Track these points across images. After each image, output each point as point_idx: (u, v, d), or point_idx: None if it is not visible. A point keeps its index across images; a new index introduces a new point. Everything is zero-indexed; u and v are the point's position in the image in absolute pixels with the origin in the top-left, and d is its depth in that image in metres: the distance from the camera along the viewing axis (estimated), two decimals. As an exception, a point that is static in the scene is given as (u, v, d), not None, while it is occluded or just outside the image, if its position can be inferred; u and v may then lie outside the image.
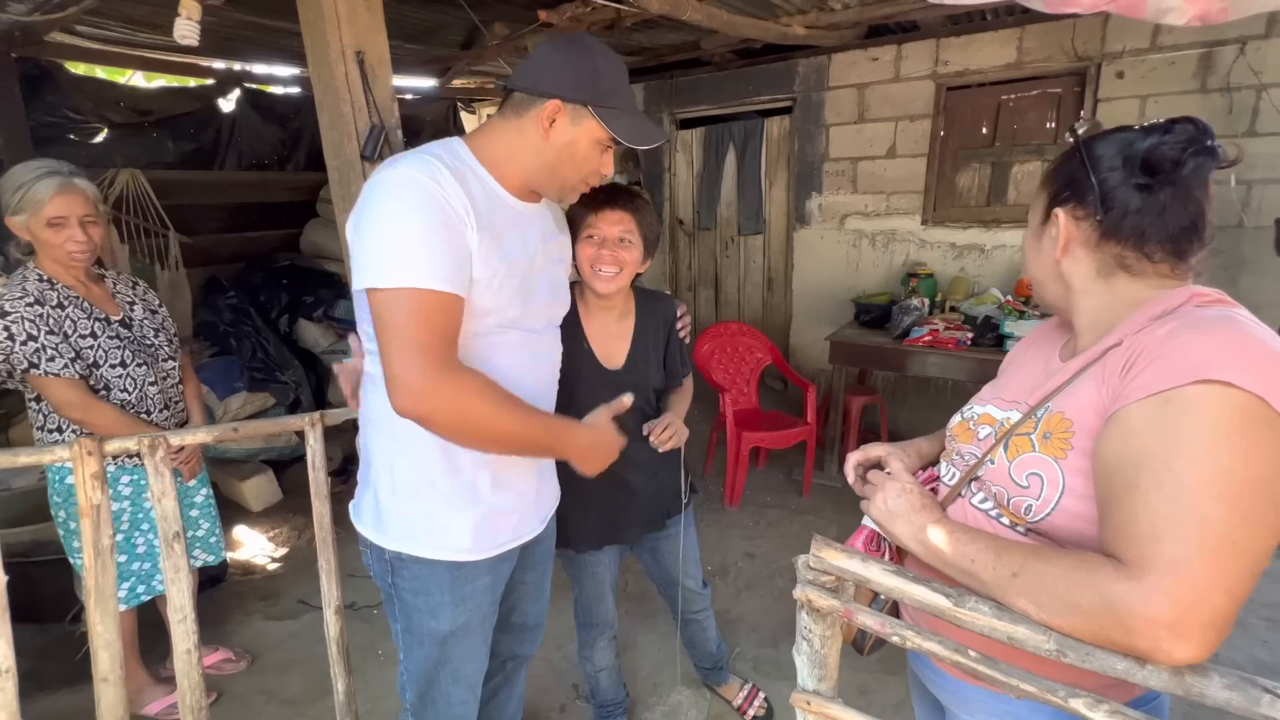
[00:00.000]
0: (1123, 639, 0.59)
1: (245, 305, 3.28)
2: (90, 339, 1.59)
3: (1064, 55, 3.27)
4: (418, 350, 0.86)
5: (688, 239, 4.93)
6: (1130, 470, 0.63)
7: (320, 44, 1.26)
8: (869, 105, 3.88)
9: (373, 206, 0.90)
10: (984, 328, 3.04)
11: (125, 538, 1.69)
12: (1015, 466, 0.76)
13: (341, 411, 1.44)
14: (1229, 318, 0.67)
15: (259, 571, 2.71)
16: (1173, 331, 0.67)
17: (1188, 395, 0.61)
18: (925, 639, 0.70)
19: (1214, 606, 0.57)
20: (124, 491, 1.67)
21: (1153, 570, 0.59)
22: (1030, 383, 0.84)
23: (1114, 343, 0.72)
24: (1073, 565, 0.64)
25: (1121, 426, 0.66)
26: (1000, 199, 3.60)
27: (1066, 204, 0.77)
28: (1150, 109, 3.14)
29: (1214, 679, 0.58)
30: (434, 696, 1.11)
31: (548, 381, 1.16)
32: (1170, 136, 0.70)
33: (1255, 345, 0.62)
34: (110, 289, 1.73)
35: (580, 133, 0.98)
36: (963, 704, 0.86)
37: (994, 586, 0.68)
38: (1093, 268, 0.77)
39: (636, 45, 3.76)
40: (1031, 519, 0.74)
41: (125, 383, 1.64)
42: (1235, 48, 2.90)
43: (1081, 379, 0.74)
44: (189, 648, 1.30)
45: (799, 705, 0.84)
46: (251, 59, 3.65)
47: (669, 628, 2.27)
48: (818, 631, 0.81)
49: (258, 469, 3.23)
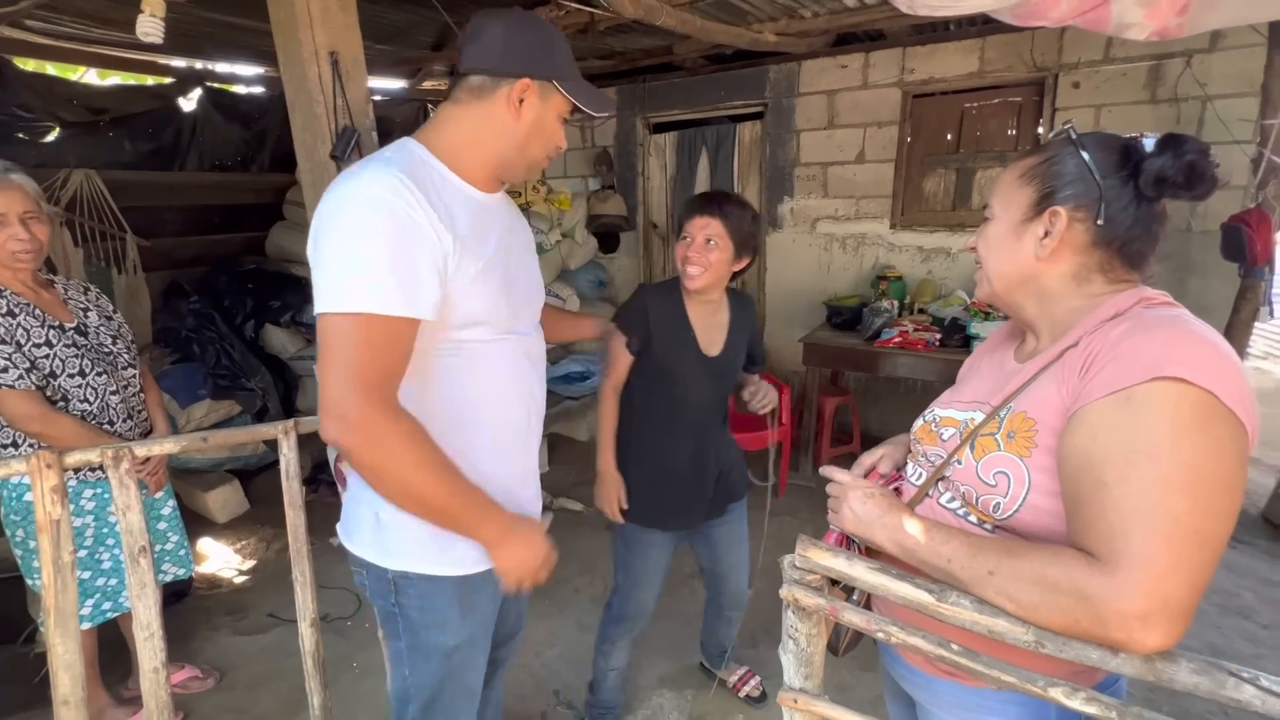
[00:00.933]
0: (1097, 630, 0.62)
1: (209, 310, 3.18)
2: (46, 348, 1.52)
3: (1023, 65, 3.39)
4: (356, 380, 0.83)
5: (662, 242, 4.95)
6: (1096, 466, 0.66)
7: (292, 44, 1.24)
8: (838, 111, 3.95)
9: (327, 227, 0.86)
10: (951, 329, 3.12)
11: (90, 554, 1.62)
12: (982, 466, 0.78)
13: (316, 419, 1.41)
14: (1178, 318, 0.70)
15: (225, 585, 2.62)
16: (1127, 332, 0.69)
17: (1146, 392, 0.64)
18: (910, 634, 0.72)
19: (1181, 596, 0.60)
20: (87, 506, 1.60)
21: (1124, 564, 0.61)
22: (989, 385, 0.86)
23: (1070, 344, 0.75)
24: (1047, 561, 0.66)
25: (1085, 424, 0.68)
26: (965, 204, 3.70)
27: (1066, 203, 0.76)
28: (1104, 118, 3.26)
29: (1182, 665, 0.61)
30: (438, 708, 1.09)
31: (540, 388, 1.14)
32: (1184, 157, 0.71)
33: (1203, 344, 0.66)
34: (61, 295, 1.65)
35: (547, 108, 0.98)
36: (934, 699, 0.88)
37: (970, 584, 0.70)
38: (1072, 271, 0.78)
39: (609, 49, 3.77)
40: (1000, 516, 0.76)
41: (85, 393, 1.57)
42: (1182, 61, 3.05)
43: (1041, 379, 0.76)
44: (156, 665, 1.25)
45: (786, 704, 0.85)
46: (214, 57, 3.55)
47: (649, 631, 2.27)
48: (804, 630, 0.83)
49: (223, 479, 3.14)
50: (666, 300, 1.56)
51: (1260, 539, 2.85)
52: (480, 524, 0.95)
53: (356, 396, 0.83)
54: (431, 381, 0.96)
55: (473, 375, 0.99)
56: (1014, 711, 0.80)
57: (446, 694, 1.08)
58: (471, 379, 0.99)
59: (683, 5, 2.58)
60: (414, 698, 1.08)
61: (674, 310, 1.52)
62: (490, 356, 1.01)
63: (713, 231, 1.45)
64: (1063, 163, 0.78)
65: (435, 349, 0.95)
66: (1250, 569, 2.62)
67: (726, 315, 1.59)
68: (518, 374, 1.05)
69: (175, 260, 3.54)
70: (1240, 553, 2.72)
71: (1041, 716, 0.78)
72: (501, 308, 1.00)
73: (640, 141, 4.76)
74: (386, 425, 0.85)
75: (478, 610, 1.07)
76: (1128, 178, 0.74)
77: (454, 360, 0.97)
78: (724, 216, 1.46)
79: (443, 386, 0.97)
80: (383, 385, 0.86)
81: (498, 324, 1.00)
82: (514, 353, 1.04)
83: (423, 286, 0.87)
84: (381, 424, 0.84)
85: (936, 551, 0.74)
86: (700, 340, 1.54)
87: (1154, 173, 0.72)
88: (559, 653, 2.18)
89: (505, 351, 1.03)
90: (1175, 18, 0.92)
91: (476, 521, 0.95)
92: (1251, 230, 2.65)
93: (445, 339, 0.95)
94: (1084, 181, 0.75)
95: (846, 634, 0.95)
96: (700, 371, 1.53)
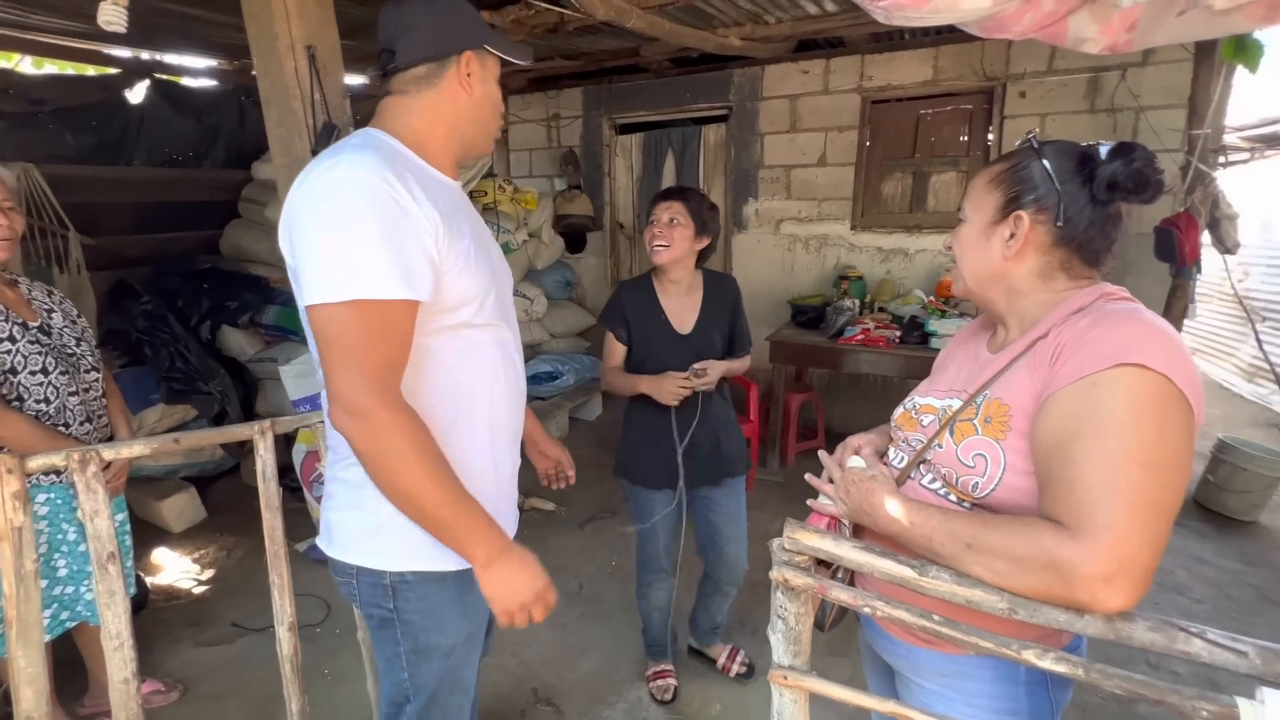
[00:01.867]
0: (1065, 594, 0.67)
1: (161, 311, 3.04)
2: (8, 343, 1.46)
3: (974, 75, 3.55)
4: (360, 370, 0.83)
5: (629, 242, 4.98)
6: (1066, 445, 0.72)
7: (267, 37, 1.21)
8: (800, 116, 4.06)
9: (310, 216, 0.84)
10: (910, 326, 3.25)
11: (45, 561, 1.54)
12: (961, 449, 0.84)
13: (293, 419, 1.38)
14: (1136, 311, 0.77)
15: (184, 596, 2.53)
16: (1092, 323, 0.76)
17: (1110, 377, 0.71)
18: (894, 608, 0.77)
19: (1141, 561, 0.66)
20: (40, 512, 1.53)
21: (1090, 531, 0.67)
22: (964, 374, 0.93)
23: (1040, 335, 0.81)
24: (1020, 532, 0.71)
25: (1055, 408, 0.74)
26: (921, 206, 3.85)
27: (1029, 208, 0.83)
28: (1049, 126, 3.45)
29: (1139, 624, 0.67)
30: (434, 707, 1.09)
31: (523, 380, 1.14)
32: (1134, 164, 0.77)
33: (1159, 333, 0.73)
34: (25, 294, 1.59)
35: (487, 74, 1.01)
36: (915, 668, 0.93)
37: (951, 558, 0.75)
38: (1037, 269, 0.85)
39: (576, 49, 3.78)
40: (978, 495, 0.82)
41: (46, 391, 1.51)
42: (1118, 74, 3.25)
43: (1014, 368, 0.83)
44: (126, 676, 1.21)
45: (776, 681, 0.88)
46: (163, 48, 3.41)
47: (625, 627, 2.30)
48: (793, 610, 0.86)
49: (178, 486, 3.02)
50: (639, 289, 1.76)
51: (1192, 520, 3.07)
52: (473, 539, 0.90)
53: (362, 387, 0.83)
54: (427, 369, 0.95)
55: (468, 363, 0.99)
56: (987, 675, 0.86)
57: (442, 692, 1.08)
58: (466, 367, 0.99)
59: (652, 8, 2.61)
60: (412, 698, 1.07)
61: (646, 296, 1.72)
62: (483, 344, 1.01)
63: (674, 211, 1.63)
64: (1026, 169, 0.84)
65: (431, 335, 0.94)
66: (1183, 549, 2.82)
67: (699, 295, 1.75)
68: (506, 363, 1.05)
69: (122, 259, 3.38)
70: (1175, 533, 2.90)
71: (1011, 677, 0.85)
72: (489, 287, 1.00)
73: (606, 142, 4.78)
74: (390, 420, 0.84)
75: (475, 606, 1.06)
76: (1084, 183, 0.81)
77: (449, 347, 0.97)
78: (684, 199, 1.64)
79: (439, 374, 0.97)
80: (386, 374, 0.85)
81: (489, 306, 1.00)
82: (502, 341, 1.05)
83: (416, 267, 0.86)
84: (386, 418, 0.84)
85: (919, 529, 0.79)
86: (671, 320, 1.72)
87: (1106, 178, 0.79)
88: (536, 651, 2.19)
89: (496, 340, 1.03)
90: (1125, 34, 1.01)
91: (469, 535, 0.90)
92: (1181, 233, 2.85)
93: (441, 324, 0.94)
94: (1045, 187, 0.82)
95: (831, 611, 1.00)
96: (674, 347, 1.70)
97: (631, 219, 4.91)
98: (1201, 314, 5.67)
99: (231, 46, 3.42)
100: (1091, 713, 1.88)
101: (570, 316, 4.55)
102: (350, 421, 0.84)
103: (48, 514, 1.56)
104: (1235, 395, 5.16)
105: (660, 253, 1.64)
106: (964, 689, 0.88)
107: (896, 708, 0.80)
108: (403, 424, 0.85)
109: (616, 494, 3.32)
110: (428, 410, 0.96)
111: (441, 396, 0.97)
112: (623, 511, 3.13)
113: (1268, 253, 5.15)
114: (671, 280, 1.72)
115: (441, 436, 0.92)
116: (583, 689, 2.03)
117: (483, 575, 0.92)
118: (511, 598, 0.93)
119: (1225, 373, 5.45)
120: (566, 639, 2.25)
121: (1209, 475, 3.15)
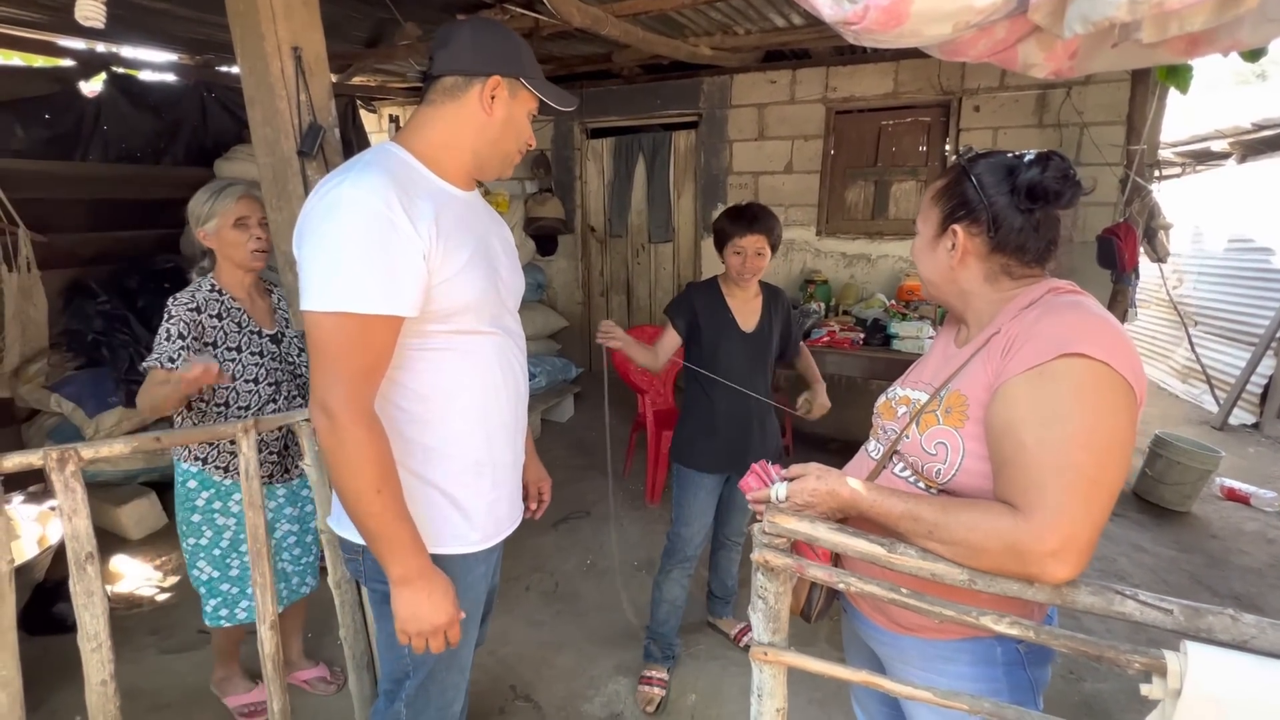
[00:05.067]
0: (1018, 568, 0.75)
1: (121, 311, 2.95)
2: (235, 353, 1.63)
3: (932, 89, 3.71)
4: (337, 375, 0.90)
5: (600, 245, 5.02)
6: (1016, 431, 0.79)
7: (253, 37, 1.22)
8: (768, 124, 4.18)
9: (311, 229, 0.91)
10: (873, 329, 3.38)
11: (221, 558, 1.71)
12: (925, 438, 0.91)
13: (277, 417, 1.38)
14: (1078, 303, 0.85)
15: (147, 603, 2.46)
16: (1038, 317, 0.84)
17: (1055, 367, 0.78)
18: (866, 583, 0.83)
19: (1085, 536, 0.73)
20: (233, 509, 1.68)
21: (1040, 511, 0.74)
22: (934, 368, 1.01)
23: (995, 330, 0.89)
24: (978, 516, 0.78)
25: (1006, 397, 0.82)
26: (883, 213, 4.01)
27: (962, 221, 0.92)
28: (1000, 139, 3.64)
29: (1082, 589, 0.74)
30: (432, 684, 1.12)
31: (525, 380, 1.18)
32: (1049, 173, 0.86)
33: (1100, 324, 0.81)
34: (274, 303, 1.77)
35: (516, 104, 1.05)
36: (899, 654, 0.99)
37: (919, 542, 0.82)
38: (981, 274, 0.93)
39: (548, 54, 3.81)
40: (941, 481, 0.89)
41: (251, 399, 1.67)
42: (1063, 91, 3.45)
43: (973, 362, 0.91)
44: (104, 678, 1.19)
45: (757, 658, 0.94)
46: (120, 40, 3.31)
47: (600, 624, 2.34)
48: (772, 589, 0.92)
49: (138, 492, 2.93)
50: (709, 292, 1.96)
51: (1132, 512, 3.27)
52: (393, 556, 0.95)
53: (335, 391, 0.90)
54: (429, 373, 1.00)
55: (467, 367, 1.04)
56: (966, 658, 0.92)
57: (440, 670, 1.12)
58: (466, 371, 1.03)
59: (626, 17, 2.67)
60: (412, 674, 1.10)
61: (715, 298, 1.94)
62: (484, 349, 1.05)
63: (760, 245, 1.82)
64: (958, 185, 0.93)
65: (432, 342, 0.99)
66: (1124, 538, 3.00)
67: (760, 300, 1.98)
68: (506, 366, 1.10)
69: (77, 258, 3.25)
70: (1115, 524, 3.11)
71: (989, 658, 0.91)
72: (490, 296, 1.05)
73: (578, 146, 4.82)
74: (352, 428, 0.90)
75: (473, 588, 1.11)
76: (1010, 192, 0.89)
77: (449, 352, 1.01)
78: (767, 232, 1.82)
79: (440, 377, 1.01)
80: (360, 382, 0.91)
81: (487, 313, 1.05)
82: (503, 346, 1.09)
83: (401, 285, 0.92)
84: (349, 425, 0.90)
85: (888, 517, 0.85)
86: (738, 319, 1.93)
87: (1025, 186, 0.87)
88: (513, 649, 2.21)
89: (496, 345, 1.07)
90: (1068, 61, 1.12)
91: (391, 551, 0.94)
92: (1120, 241, 3.04)
93: (440, 331, 0.99)
94: (976, 201, 0.90)
95: (817, 602, 1.05)
96: (740, 344, 1.91)
97: (602, 222, 4.95)
98: (1140, 318, 6.01)
99: (193, 41, 3.34)
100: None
101: (541, 319, 4.56)
102: (318, 417, 0.91)
103: (239, 514, 1.67)
104: (1170, 395, 5.49)
105: (749, 282, 1.89)
106: (946, 672, 0.93)
107: (870, 678, 0.87)
108: (360, 435, 0.91)
109: (590, 495, 3.35)
110: (420, 407, 1.00)
111: (437, 395, 1.02)
112: (596, 512, 3.17)
113: (1199, 261, 5.51)
114: (741, 288, 1.94)
115: (436, 434, 0.96)
116: (560, 684, 2.06)
117: (394, 592, 0.97)
118: (412, 622, 0.97)
119: (1161, 374, 5.80)
120: (543, 636, 2.28)
121: (1147, 469, 3.36)
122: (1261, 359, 4.42)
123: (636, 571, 2.69)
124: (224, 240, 1.62)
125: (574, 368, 4.50)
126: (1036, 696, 0.94)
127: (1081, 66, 1.15)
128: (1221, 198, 5.36)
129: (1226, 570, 2.75)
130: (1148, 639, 1.49)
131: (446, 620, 0.99)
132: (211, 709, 1.93)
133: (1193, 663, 0.65)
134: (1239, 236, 5.06)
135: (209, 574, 1.71)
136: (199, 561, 1.70)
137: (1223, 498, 3.41)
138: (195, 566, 1.71)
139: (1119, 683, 2.03)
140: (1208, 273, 5.40)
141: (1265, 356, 4.41)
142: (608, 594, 2.51)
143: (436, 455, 1.04)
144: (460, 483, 1.06)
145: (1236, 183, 5.21)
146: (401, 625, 0.98)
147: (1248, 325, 4.75)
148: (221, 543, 1.69)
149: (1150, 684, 0.68)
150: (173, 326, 1.54)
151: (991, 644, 0.90)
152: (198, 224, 1.64)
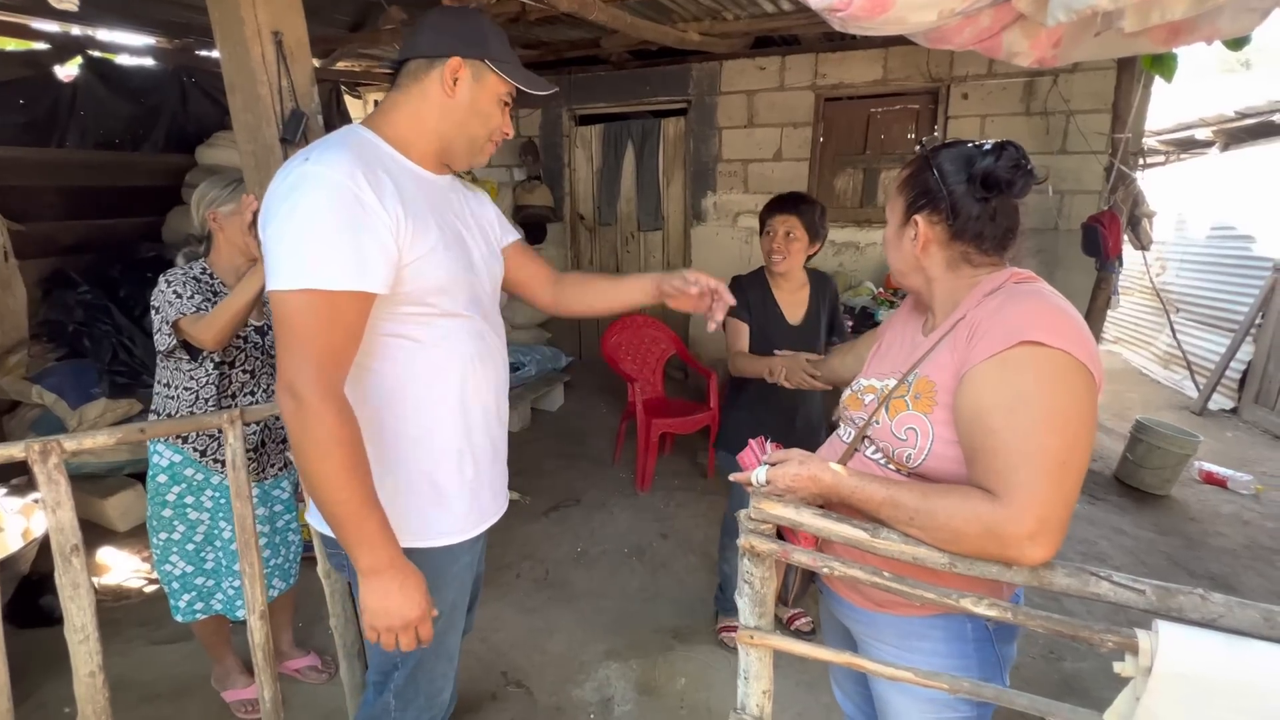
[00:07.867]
0: (997, 550, 0.76)
1: (102, 301, 2.90)
2: (241, 341, 1.64)
3: (921, 76, 3.71)
4: (305, 356, 0.86)
5: (589, 233, 5.00)
6: (984, 417, 0.81)
7: (233, 22, 1.19)
8: (757, 111, 4.16)
9: (276, 209, 0.89)
10: (861, 317, 3.40)
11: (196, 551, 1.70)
12: (895, 424, 0.93)
13: (264, 407, 1.38)
14: (1037, 292, 0.87)
15: (134, 595, 2.45)
16: (999, 305, 0.86)
17: (1015, 355, 0.80)
18: (850, 567, 0.85)
19: (1059, 516, 0.75)
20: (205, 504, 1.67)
21: (1015, 495, 0.76)
22: (900, 356, 1.02)
23: (960, 317, 0.91)
24: (956, 502, 0.79)
25: (972, 384, 0.84)
26: (871, 201, 4.02)
27: (923, 211, 0.94)
28: (988, 127, 3.65)
29: (1058, 571, 0.76)
30: (421, 674, 1.12)
31: (505, 367, 1.18)
32: (1001, 162, 0.88)
33: (1056, 312, 0.83)
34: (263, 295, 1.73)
35: (482, 89, 1.02)
36: (875, 631, 1.01)
37: (897, 526, 0.84)
38: (944, 261, 0.95)
39: (536, 39, 3.77)
40: (912, 465, 0.91)
41: (251, 387, 1.69)
42: (1050, 79, 3.46)
43: (939, 349, 0.92)
44: (93, 669, 1.19)
45: (744, 641, 0.96)
46: (95, 23, 3.23)
47: (591, 609, 2.36)
48: (758, 574, 0.94)
49: (124, 484, 2.90)
50: (756, 283, 1.95)
51: (1113, 496, 3.33)
52: (361, 545, 0.90)
53: (303, 371, 0.86)
54: (406, 361, 0.99)
55: (444, 353, 1.02)
56: (939, 634, 0.94)
57: (428, 660, 1.12)
58: (443, 357, 1.03)
59: (614, 2, 2.64)
60: (400, 665, 1.10)
61: (763, 290, 1.92)
62: (460, 335, 1.04)
63: (791, 225, 1.76)
64: (920, 176, 0.95)
65: (407, 327, 0.98)
66: (1105, 521, 3.06)
67: (807, 291, 1.95)
68: (483, 351, 1.09)
69: (56, 247, 3.20)
70: (1097, 508, 3.17)
71: (960, 634, 0.94)
72: (462, 278, 1.03)
73: (566, 133, 4.78)
74: (320, 409, 0.86)
75: (459, 578, 1.11)
76: (968, 181, 0.90)
77: (424, 339, 1.00)
78: (799, 213, 1.76)
79: (416, 364, 1.00)
80: (328, 362, 0.88)
81: (462, 296, 1.03)
82: (480, 331, 1.08)
83: (370, 261, 0.89)
84: (316, 406, 0.86)
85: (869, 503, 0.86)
86: (785, 312, 1.92)
87: (980, 174, 0.89)
88: (505, 636, 2.22)
89: (472, 329, 1.06)
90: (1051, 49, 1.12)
91: (358, 538, 0.90)
92: (1105, 229, 3.08)
93: (414, 314, 0.98)
94: (937, 191, 0.92)
95: (794, 585, 1.08)
96: (786, 335, 1.89)
97: (591, 210, 4.93)
98: (1123, 305, 6.09)
99: (171, 24, 3.27)
100: (1022, 670, 2.05)
101: (531, 308, 4.54)
102: (285, 399, 0.87)
103: (212, 508, 1.66)
104: (1152, 380, 5.57)
105: (778, 264, 1.83)
106: (919, 649, 0.95)
107: (851, 658, 0.89)
108: (329, 416, 0.87)
109: (580, 483, 3.37)
110: (398, 395, 1.00)
111: (415, 383, 1.01)
112: (586, 500, 3.19)
113: (1182, 249, 5.57)
114: (785, 279, 1.91)
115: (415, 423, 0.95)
116: (552, 670, 2.08)
117: (362, 584, 0.93)
118: (381, 615, 0.93)
119: (1143, 360, 5.88)
120: (534, 623, 2.30)
121: (1128, 454, 3.42)
122: (1240, 345, 4.49)
123: (627, 559, 2.71)
124: (234, 225, 1.59)
125: (564, 356, 4.50)
126: (1004, 672, 0.96)
127: (1065, 55, 1.16)
128: (1204, 186, 5.42)
129: (1203, 551, 2.82)
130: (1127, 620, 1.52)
131: (418, 614, 0.94)
132: (202, 699, 1.93)
133: (1163, 641, 0.67)
134: (1221, 224, 5.12)
135: (182, 569, 1.69)
136: (171, 556, 1.68)
137: (1201, 481, 3.48)
138: (167, 561, 1.68)
139: (1098, 662, 2.08)
140: (1190, 260, 5.47)
141: (1244, 343, 4.48)
142: (598, 581, 2.53)
143: (416, 444, 1.03)
144: (442, 471, 1.05)
145: (1219, 171, 5.27)
146: (370, 620, 0.93)
147: (1228, 312, 4.82)
148: (195, 537, 1.67)
149: (1123, 662, 0.70)
150: (179, 288, 1.54)
151: (963, 621, 0.93)
152: (212, 204, 1.59)
